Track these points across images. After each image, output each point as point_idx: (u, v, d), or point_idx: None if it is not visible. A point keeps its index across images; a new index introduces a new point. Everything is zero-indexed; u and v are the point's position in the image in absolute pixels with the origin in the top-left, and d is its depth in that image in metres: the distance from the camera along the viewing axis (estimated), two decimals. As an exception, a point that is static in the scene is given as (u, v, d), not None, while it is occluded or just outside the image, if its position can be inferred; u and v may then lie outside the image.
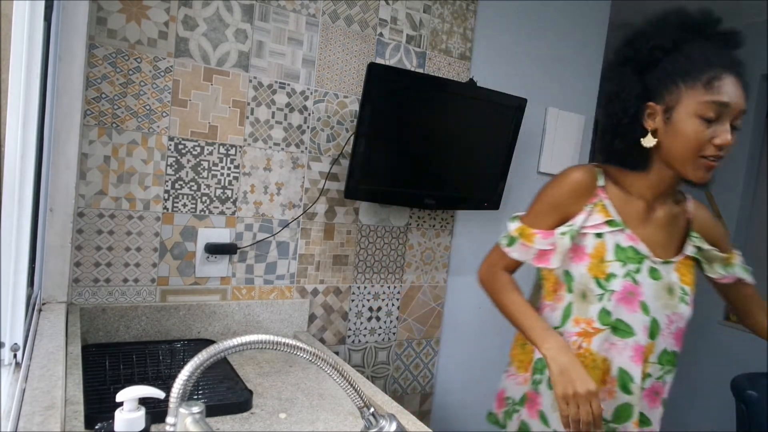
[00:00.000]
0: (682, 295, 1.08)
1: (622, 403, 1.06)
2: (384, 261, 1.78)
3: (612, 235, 1.07)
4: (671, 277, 1.08)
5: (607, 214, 1.08)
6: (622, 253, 1.06)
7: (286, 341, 0.64)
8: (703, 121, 0.97)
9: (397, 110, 1.57)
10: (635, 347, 1.05)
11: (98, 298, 1.36)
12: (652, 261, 1.07)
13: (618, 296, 1.05)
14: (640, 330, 1.05)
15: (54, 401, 0.73)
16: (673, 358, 1.10)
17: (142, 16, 1.34)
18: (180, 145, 1.42)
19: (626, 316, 1.06)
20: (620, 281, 1.05)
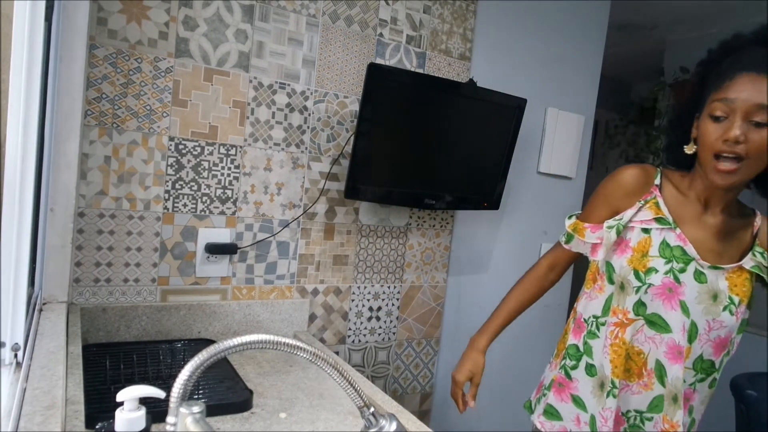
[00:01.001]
0: (728, 304, 1.07)
1: (658, 394, 1.08)
2: (384, 261, 1.78)
3: (660, 231, 1.09)
4: (719, 284, 1.07)
5: (657, 212, 1.10)
6: (668, 250, 1.08)
7: (286, 341, 0.64)
8: (714, 120, 0.99)
9: (397, 110, 1.58)
10: (670, 344, 1.06)
11: (99, 297, 1.36)
12: (699, 264, 1.07)
13: (656, 290, 1.07)
14: (677, 329, 1.06)
15: (54, 401, 0.73)
16: (709, 367, 1.09)
17: (142, 17, 1.34)
18: (180, 145, 1.42)
19: (663, 312, 1.07)
20: (660, 276, 1.06)
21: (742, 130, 0.95)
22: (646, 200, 1.12)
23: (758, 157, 0.97)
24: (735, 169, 0.98)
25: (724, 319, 1.06)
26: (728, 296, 1.07)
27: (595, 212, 1.17)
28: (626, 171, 1.15)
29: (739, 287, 1.08)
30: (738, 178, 0.99)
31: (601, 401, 1.12)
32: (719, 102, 0.98)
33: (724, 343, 1.08)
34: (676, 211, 1.10)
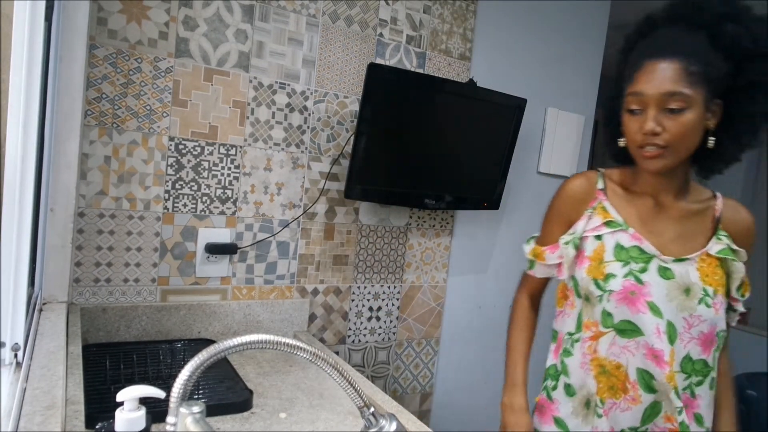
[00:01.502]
0: (702, 297, 1.00)
1: (650, 403, 1.01)
2: (384, 261, 1.78)
3: (612, 235, 1.05)
4: (690, 277, 1.01)
5: (606, 215, 1.06)
6: (623, 252, 1.03)
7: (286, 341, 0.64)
8: (631, 113, 0.97)
9: (397, 110, 1.58)
10: (648, 348, 1.00)
11: (99, 297, 1.36)
12: (662, 260, 1.02)
13: (617, 296, 1.01)
14: (651, 332, 0.99)
15: (54, 401, 0.73)
16: (702, 367, 1.01)
17: (142, 17, 1.34)
18: (180, 145, 1.42)
19: (631, 317, 1.01)
20: (620, 281, 1.01)
21: (656, 122, 0.93)
22: (593, 207, 1.08)
23: (680, 142, 0.94)
24: (659, 153, 0.95)
25: (702, 312, 1.00)
26: (702, 288, 1.00)
27: (550, 233, 1.14)
28: (570, 182, 1.13)
29: (711, 276, 1.02)
30: (666, 162, 0.96)
31: (588, 421, 1.05)
32: (632, 96, 0.96)
33: (710, 338, 1.02)
34: (626, 211, 1.06)
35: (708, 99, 0.93)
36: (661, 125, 0.93)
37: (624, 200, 1.08)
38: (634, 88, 0.95)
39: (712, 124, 0.96)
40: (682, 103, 0.91)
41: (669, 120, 0.93)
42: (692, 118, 0.92)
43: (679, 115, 0.92)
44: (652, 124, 0.93)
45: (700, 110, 0.93)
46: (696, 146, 0.97)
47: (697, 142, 0.96)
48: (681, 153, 0.96)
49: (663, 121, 0.93)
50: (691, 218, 1.05)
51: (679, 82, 0.91)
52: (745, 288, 1.07)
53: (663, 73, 0.92)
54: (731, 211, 1.07)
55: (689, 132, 0.93)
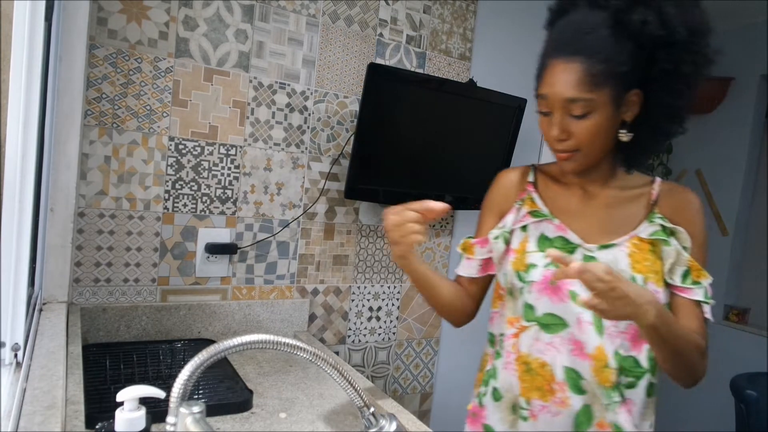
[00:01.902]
0: None
1: (580, 407, 0.92)
2: (384, 261, 1.78)
3: (536, 225, 1.00)
4: (619, 264, 0.93)
5: (532, 206, 1.02)
6: (546, 243, 0.97)
7: (286, 341, 0.64)
8: (542, 115, 0.92)
9: (397, 110, 1.58)
10: (574, 341, 0.92)
11: (99, 297, 1.36)
12: (586, 248, 0.95)
13: (538, 287, 0.95)
14: (574, 323, 0.92)
15: (55, 401, 0.73)
16: (633, 366, 0.92)
17: (142, 17, 1.34)
18: (180, 145, 1.42)
19: (553, 307, 0.94)
20: (540, 271, 0.95)
21: (560, 128, 0.89)
22: (522, 199, 1.05)
23: (590, 145, 0.89)
24: (571, 156, 0.91)
25: None
26: (630, 276, 0.92)
27: (483, 226, 1.09)
28: (502, 174, 1.11)
29: (642, 263, 0.93)
30: (580, 163, 0.92)
31: (514, 427, 0.97)
32: (539, 97, 0.91)
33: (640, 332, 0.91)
34: (555, 203, 1.02)
35: (618, 95, 0.87)
36: (566, 130, 0.89)
37: (552, 192, 1.04)
38: (540, 89, 0.91)
39: (629, 116, 0.91)
40: (585, 109, 0.86)
41: (575, 124, 0.88)
42: (598, 121, 0.87)
43: (584, 120, 0.87)
44: (556, 131, 0.89)
45: (609, 109, 0.87)
46: (612, 142, 0.92)
47: (611, 138, 0.91)
48: (594, 152, 0.91)
49: (569, 126, 0.88)
50: (622, 204, 0.99)
51: (580, 85, 0.85)
52: (698, 275, 0.95)
53: (564, 75, 0.86)
54: (668, 195, 0.98)
55: (597, 134, 0.88)
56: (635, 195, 0.99)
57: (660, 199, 0.98)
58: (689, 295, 0.94)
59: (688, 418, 2.66)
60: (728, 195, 2.67)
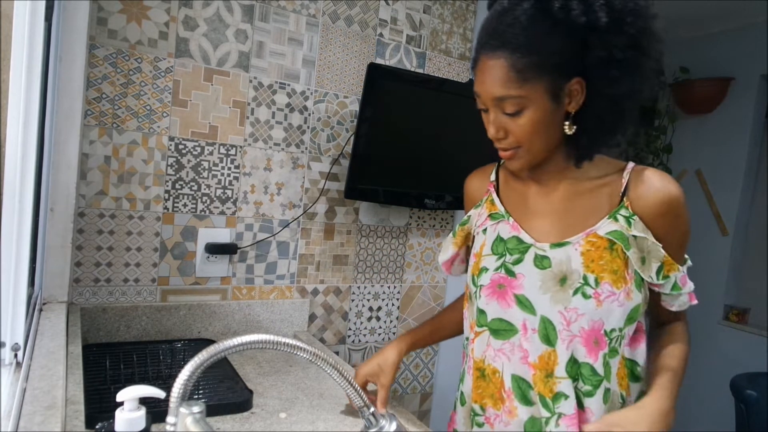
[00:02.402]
0: (581, 285, 0.84)
1: (527, 419, 0.87)
2: (384, 261, 1.78)
3: (494, 227, 0.95)
4: (572, 264, 0.85)
5: (491, 207, 0.98)
6: (500, 245, 0.92)
7: (286, 341, 0.64)
8: (482, 111, 0.87)
9: (397, 110, 1.58)
10: (522, 349, 0.87)
11: (99, 297, 1.36)
12: (538, 247, 0.89)
13: (486, 291, 0.91)
14: (520, 328, 0.88)
15: (55, 401, 0.73)
16: (590, 374, 0.84)
17: (142, 17, 1.34)
18: (180, 145, 1.42)
19: (501, 312, 0.90)
20: (490, 275, 0.91)
21: (496, 127, 0.84)
22: (483, 200, 1.01)
23: (530, 141, 0.84)
24: (513, 154, 0.86)
25: (578, 305, 0.84)
26: (582, 275, 0.85)
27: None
28: (467, 179, 1.08)
29: (597, 262, 0.84)
30: (525, 160, 0.86)
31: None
32: (475, 94, 0.86)
33: (594, 337, 0.84)
34: (514, 201, 0.96)
35: (555, 86, 0.81)
36: (503, 128, 0.84)
37: (511, 189, 0.98)
38: (474, 86, 0.86)
39: (573, 107, 0.83)
40: (516, 106, 0.81)
41: (510, 122, 0.83)
42: (535, 116, 0.81)
43: (519, 117, 0.82)
44: (492, 130, 0.85)
45: (544, 103, 0.81)
46: (559, 134, 0.85)
47: (556, 132, 0.85)
48: (538, 148, 0.85)
49: (505, 124, 0.83)
50: (583, 197, 0.90)
51: (507, 82, 0.80)
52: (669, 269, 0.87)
53: (491, 72, 0.81)
54: (638, 183, 0.87)
55: (535, 130, 0.83)
56: (599, 185, 0.89)
57: (629, 189, 0.87)
58: (661, 289, 0.89)
59: (688, 418, 2.66)
60: (728, 195, 2.67)
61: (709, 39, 2.70)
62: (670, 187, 0.86)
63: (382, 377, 1.04)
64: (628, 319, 0.85)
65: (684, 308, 0.92)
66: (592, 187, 0.89)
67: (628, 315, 0.85)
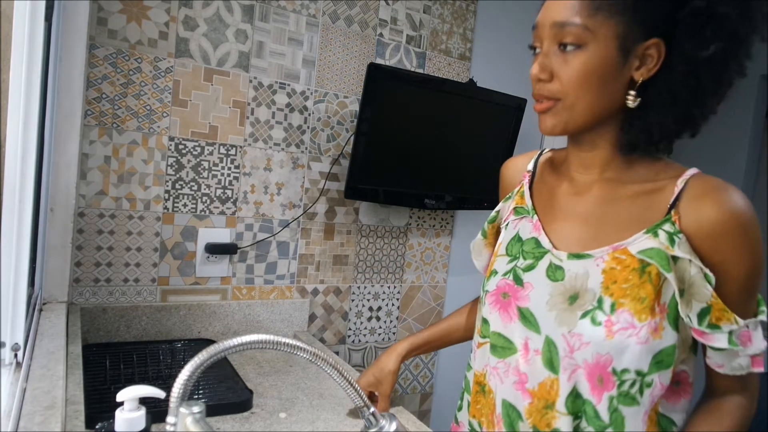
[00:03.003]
0: (591, 309, 0.69)
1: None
2: (384, 261, 1.78)
3: (516, 223, 0.83)
4: (589, 281, 0.71)
5: (520, 200, 0.85)
6: (516, 246, 0.80)
7: (286, 341, 0.64)
8: (534, 52, 0.75)
9: (397, 110, 1.58)
10: (519, 372, 0.74)
11: (99, 297, 1.36)
12: (555, 255, 0.75)
13: (491, 299, 0.80)
14: (521, 348, 0.74)
15: (55, 401, 0.73)
16: (593, 415, 0.69)
17: (142, 17, 1.34)
18: (180, 145, 1.42)
19: (501, 327, 0.77)
20: (497, 279, 0.80)
21: (542, 65, 0.70)
22: (514, 192, 0.88)
23: (575, 93, 0.68)
24: (548, 106, 0.70)
25: (583, 330, 0.69)
26: (597, 296, 0.69)
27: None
28: (504, 164, 0.95)
29: (619, 284, 0.68)
30: (559, 120, 0.70)
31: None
32: (532, 30, 0.74)
33: (598, 373, 0.68)
34: (544, 196, 0.82)
35: (628, 34, 0.66)
36: (550, 69, 0.69)
37: (544, 182, 0.84)
38: (537, 18, 0.73)
39: (641, 74, 0.68)
40: (575, 38, 0.66)
41: (561, 61, 0.68)
42: (591, 60, 0.66)
43: (572, 56, 0.67)
44: (536, 68, 0.70)
45: (609, 50, 0.66)
46: (614, 103, 0.69)
47: (609, 95, 0.69)
48: (583, 107, 0.69)
49: (554, 64, 0.69)
50: (620, 203, 0.73)
51: (575, 6, 0.66)
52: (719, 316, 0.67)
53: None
54: (695, 194, 0.68)
55: (587, 79, 0.67)
56: (646, 191, 0.72)
57: (682, 201, 0.69)
58: (706, 341, 0.68)
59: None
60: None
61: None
62: (736, 202, 0.67)
63: (380, 387, 1.00)
64: (655, 363, 0.67)
65: (740, 373, 0.70)
66: (636, 192, 0.73)
67: (656, 358, 0.67)
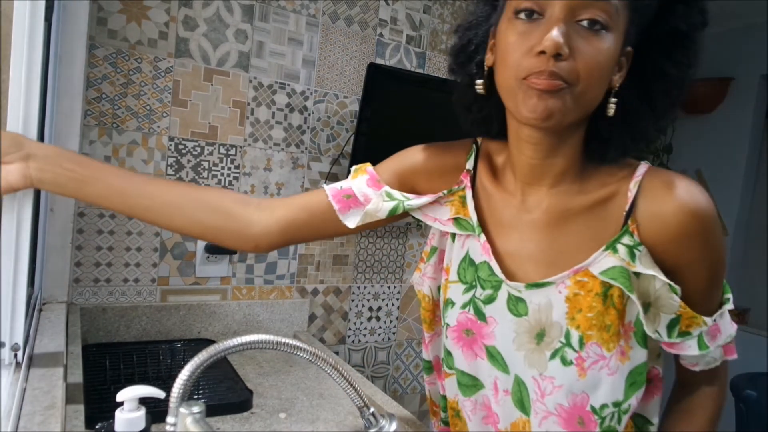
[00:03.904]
0: (561, 346, 0.63)
1: None
2: (384, 261, 1.78)
3: (462, 240, 0.72)
4: (550, 314, 0.64)
5: (461, 210, 0.72)
6: (470, 270, 0.70)
7: (286, 341, 0.64)
8: (521, 20, 0.59)
9: (397, 110, 1.57)
10: (487, 407, 0.70)
11: (99, 297, 1.36)
12: (510, 286, 0.67)
13: (453, 334, 0.72)
14: (489, 386, 0.70)
15: (54, 401, 0.73)
16: None
17: (142, 17, 1.34)
18: (180, 145, 1.42)
19: (467, 365, 0.71)
20: (456, 312, 0.72)
21: (564, 36, 0.56)
22: (452, 191, 0.74)
23: (591, 81, 0.57)
24: (558, 86, 0.57)
25: (555, 373, 0.63)
26: (564, 330, 0.63)
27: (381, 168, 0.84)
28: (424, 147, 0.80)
29: (584, 313, 0.62)
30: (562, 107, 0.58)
31: None
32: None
33: (581, 415, 0.63)
34: (489, 212, 0.71)
35: (627, 36, 0.61)
36: (568, 45, 0.56)
37: (485, 191, 0.72)
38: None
39: (616, 80, 0.62)
40: (604, 14, 0.56)
41: (581, 40, 0.57)
42: (611, 47, 0.58)
43: (596, 37, 0.57)
44: (559, 37, 0.55)
45: (619, 44, 0.59)
46: (595, 105, 0.62)
47: (600, 96, 0.61)
48: (586, 102, 0.60)
49: (572, 41, 0.56)
50: (576, 218, 0.65)
51: None
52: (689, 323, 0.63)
53: None
54: (650, 197, 0.62)
55: (604, 68, 0.58)
56: (601, 199, 0.65)
57: (638, 208, 0.62)
58: (677, 350, 0.65)
59: (688, 418, 2.66)
60: (728, 195, 2.67)
61: (710, 39, 2.70)
62: (695, 201, 0.61)
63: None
64: (629, 386, 0.63)
65: (714, 366, 0.68)
66: (589, 202, 0.65)
67: (628, 381, 0.63)
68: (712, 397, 0.72)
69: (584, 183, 0.66)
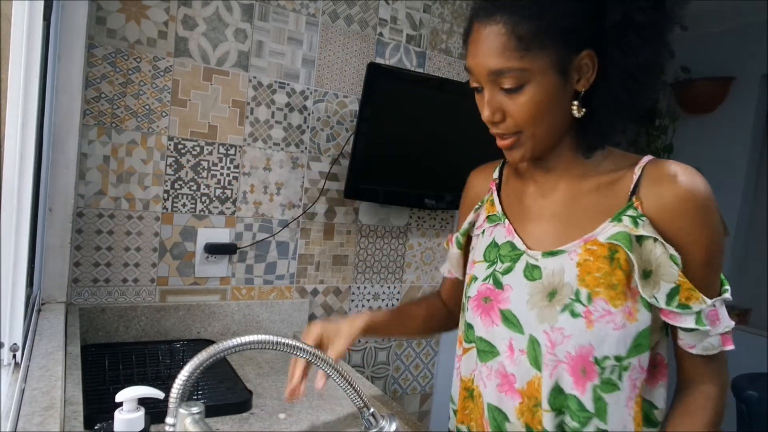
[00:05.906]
0: (570, 302, 0.71)
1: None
2: (384, 261, 1.77)
3: (491, 231, 0.85)
4: (565, 276, 0.73)
5: (490, 209, 0.88)
6: (494, 251, 0.82)
7: (286, 341, 0.64)
8: (477, 92, 0.75)
9: (397, 110, 1.57)
10: (502, 374, 0.76)
11: (97, 298, 1.36)
12: (530, 255, 0.77)
13: (473, 304, 0.82)
14: (504, 350, 0.76)
15: (53, 401, 0.73)
16: (577, 409, 0.71)
17: (141, 16, 1.34)
18: (179, 144, 1.42)
19: (485, 331, 0.80)
20: (477, 285, 0.82)
21: (492, 108, 0.72)
22: (483, 201, 0.91)
23: (532, 124, 0.71)
24: (513, 141, 0.74)
25: (564, 324, 0.71)
26: (574, 289, 0.72)
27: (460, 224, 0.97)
28: (472, 173, 0.99)
29: (593, 274, 0.71)
30: (526, 149, 0.74)
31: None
32: (467, 71, 0.74)
33: (582, 365, 0.70)
34: (513, 203, 0.85)
35: (562, 58, 0.69)
36: (500, 109, 0.72)
37: (512, 188, 0.87)
38: (466, 61, 0.74)
39: (582, 85, 0.71)
40: (516, 81, 0.69)
41: (508, 101, 0.71)
42: (537, 94, 0.69)
43: (519, 94, 0.70)
44: (487, 113, 0.73)
45: (550, 78, 0.69)
46: (564, 118, 0.73)
47: (562, 114, 0.73)
48: (542, 134, 0.73)
49: (502, 104, 0.71)
50: (585, 197, 0.77)
51: (506, 52, 0.68)
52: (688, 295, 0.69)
53: (487, 41, 0.69)
54: (652, 179, 0.72)
55: (538, 111, 0.70)
56: (606, 183, 0.76)
57: (642, 187, 0.72)
58: (675, 322, 0.71)
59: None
60: (728, 195, 2.67)
61: (710, 38, 2.70)
62: (692, 182, 0.70)
63: (335, 342, 0.89)
64: (634, 346, 0.70)
65: (712, 353, 0.72)
66: (598, 185, 0.76)
67: (634, 341, 0.70)
68: (712, 398, 0.74)
69: (593, 168, 0.78)
